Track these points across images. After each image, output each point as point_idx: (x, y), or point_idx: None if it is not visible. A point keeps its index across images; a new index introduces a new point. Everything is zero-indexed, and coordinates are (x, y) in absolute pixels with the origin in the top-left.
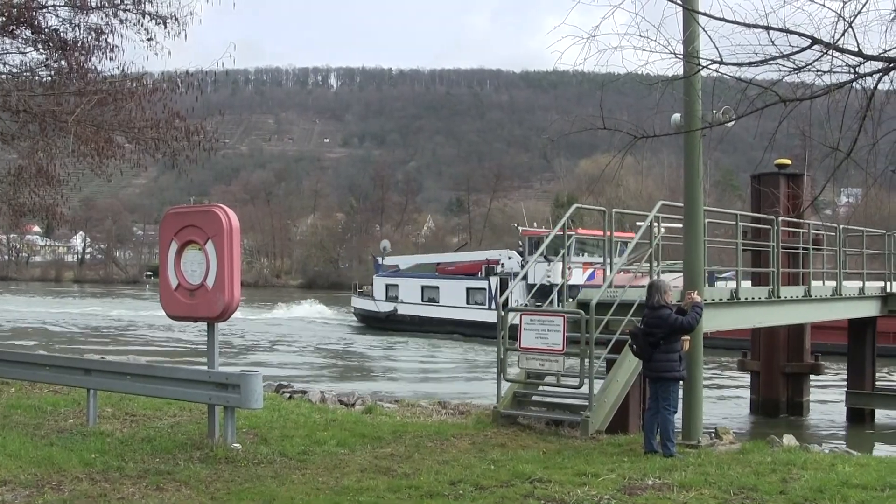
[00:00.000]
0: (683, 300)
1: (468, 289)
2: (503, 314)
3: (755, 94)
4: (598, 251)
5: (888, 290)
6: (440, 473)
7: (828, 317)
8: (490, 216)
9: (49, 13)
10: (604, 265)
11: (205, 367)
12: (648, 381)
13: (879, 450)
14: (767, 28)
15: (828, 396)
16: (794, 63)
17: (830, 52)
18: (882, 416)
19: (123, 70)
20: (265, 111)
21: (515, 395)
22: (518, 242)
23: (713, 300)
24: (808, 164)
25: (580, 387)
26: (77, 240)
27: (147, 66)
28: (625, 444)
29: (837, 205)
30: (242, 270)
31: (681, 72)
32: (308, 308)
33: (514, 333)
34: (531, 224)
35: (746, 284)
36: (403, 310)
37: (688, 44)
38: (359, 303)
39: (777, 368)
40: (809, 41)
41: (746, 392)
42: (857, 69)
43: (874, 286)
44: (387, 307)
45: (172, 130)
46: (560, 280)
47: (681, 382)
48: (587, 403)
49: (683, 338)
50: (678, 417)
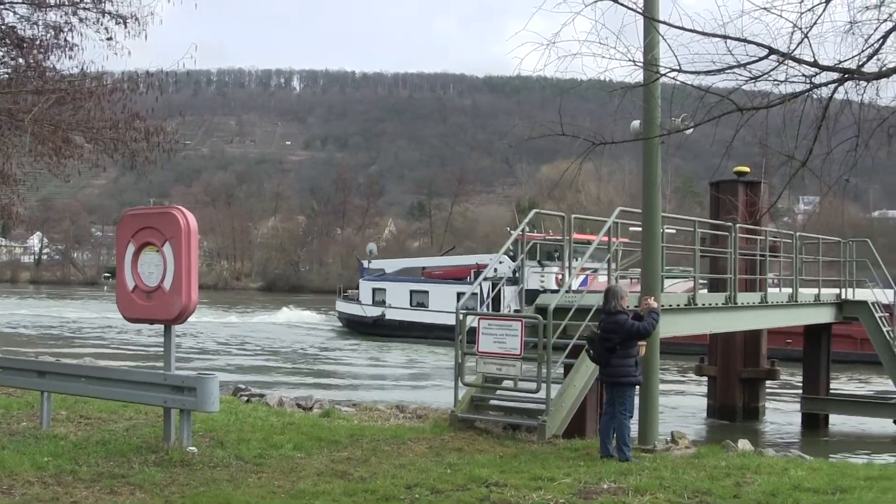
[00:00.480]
0: (640, 305)
1: (459, 294)
2: (461, 318)
3: (713, 103)
4: (594, 257)
5: (843, 297)
6: (396, 477)
7: (784, 323)
8: (451, 220)
9: (6, 10)
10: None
11: (161, 370)
12: (605, 386)
13: (833, 455)
14: (725, 37)
15: (784, 401)
16: (751, 72)
17: (787, 63)
18: (836, 422)
19: (83, 69)
20: (227, 113)
21: (473, 400)
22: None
23: (670, 306)
24: (766, 172)
25: (537, 391)
26: (34, 240)
27: (107, 66)
28: (581, 449)
29: (796, 212)
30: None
31: (640, 79)
32: (289, 313)
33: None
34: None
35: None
36: (392, 314)
37: (647, 52)
38: (344, 307)
39: (734, 374)
40: (766, 51)
41: (704, 397)
42: (813, 79)
43: (830, 293)
44: (374, 312)
45: (132, 131)
46: (553, 285)
47: (637, 387)
48: (544, 408)
49: (640, 343)
50: (634, 422)
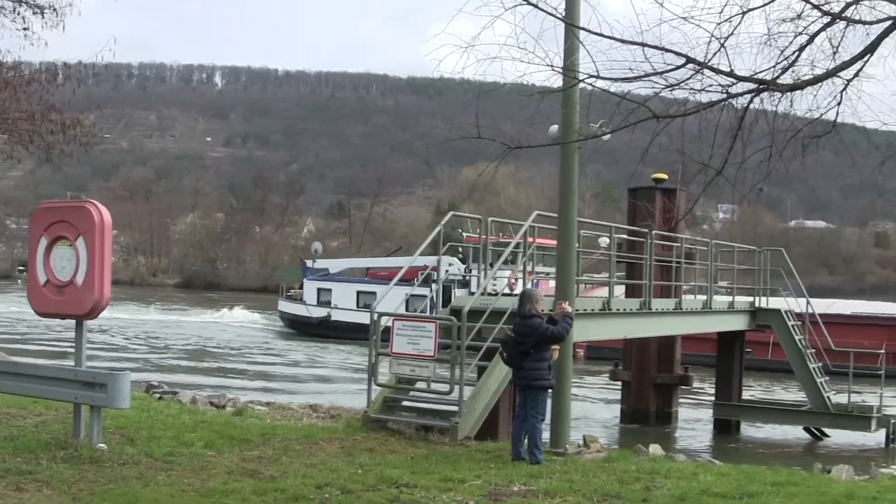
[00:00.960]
0: (555, 310)
1: (409, 296)
2: (376, 318)
3: (630, 109)
4: (547, 261)
5: (757, 305)
6: (307, 477)
7: (698, 329)
8: (371, 221)
9: None
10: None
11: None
12: (518, 389)
13: (743, 460)
14: (643, 45)
15: (697, 407)
16: (668, 80)
17: (703, 72)
18: (747, 428)
19: None
20: (147, 107)
21: (386, 400)
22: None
23: (585, 310)
24: (683, 180)
25: (450, 393)
26: None
27: (24, 57)
28: (493, 451)
29: (714, 220)
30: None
31: (560, 84)
32: (228, 312)
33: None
34: (474, 231)
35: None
36: (338, 316)
37: (567, 57)
38: (287, 307)
39: (647, 379)
40: (684, 60)
41: (618, 402)
42: (729, 89)
43: (743, 301)
44: (320, 313)
45: (48, 123)
46: (505, 289)
47: (550, 391)
48: (457, 409)
49: (553, 347)
50: (546, 425)
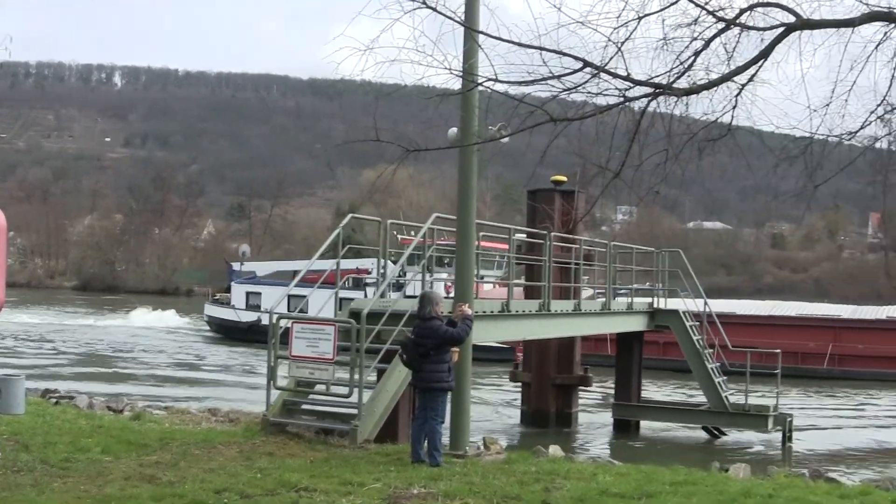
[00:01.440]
0: (454, 312)
1: (341, 299)
2: (274, 321)
3: (528, 113)
4: (494, 264)
5: (655, 306)
6: (206, 482)
7: (597, 330)
8: (271, 222)
9: None
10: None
11: None
12: (417, 391)
13: (643, 460)
14: (541, 49)
15: (597, 408)
16: (566, 84)
17: (600, 76)
18: (646, 428)
19: None
20: (45, 107)
21: (285, 404)
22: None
23: (484, 312)
24: (582, 182)
25: (349, 396)
26: None
27: None
28: (393, 454)
29: (613, 221)
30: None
31: (459, 87)
32: (146, 315)
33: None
34: (408, 232)
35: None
36: (268, 320)
37: (466, 60)
38: (214, 311)
39: (547, 380)
40: (581, 63)
41: (518, 403)
42: (626, 93)
43: (642, 301)
44: (249, 317)
45: None
46: (442, 292)
47: (449, 393)
48: (356, 412)
49: (453, 349)
50: (446, 427)
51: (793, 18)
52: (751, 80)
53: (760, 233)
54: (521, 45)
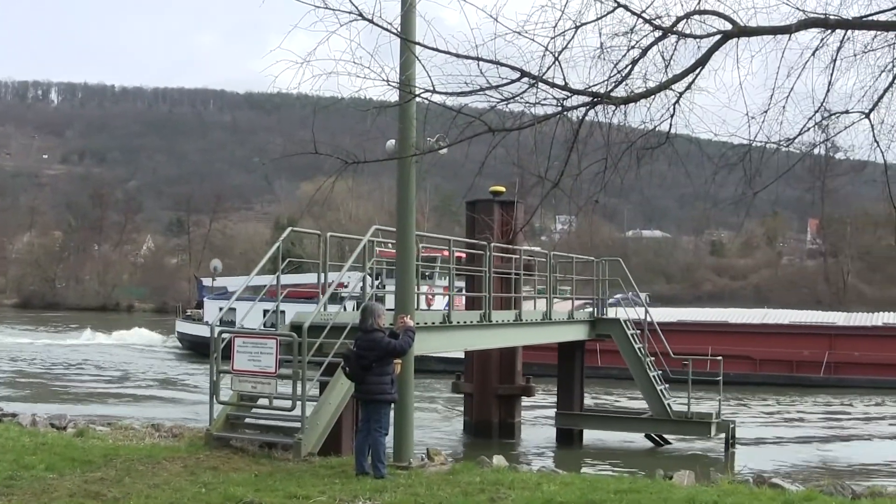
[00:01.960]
0: (396, 324)
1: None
2: (216, 336)
3: (466, 123)
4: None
5: (596, 315)
6: (150, 497)
7: (538, 340)
8: (210, 237)
9: None
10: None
11: None
12: (361, 404)
13: (586, 469)
14: (478, 59)
15: (541, 417)
16: (503, 94)
17: (538, 85)
18: (590, 437)
19: None
20: None
21: (229, 418)
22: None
23: (425, 324)
24: (521, 192)
25: (292, 409)
26: None
27: None
28: (337, 466)
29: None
30: None
31: (397, 98)
32: (122, 333)
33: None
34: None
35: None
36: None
37: (403, 72)
38: (187, 328)
39: (490, 390)
40: (519, 73)
41: (461, 414)
42: (564, 102)
43: (583, 311)
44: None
45: None
46: (423, 305)
47: (392, 405)
48: (300, 426)
49: (396, 361)
50: (390, 439)
51: (730, 26)
52: (689, 88)
53: (699, 240)
54: (458, 56)
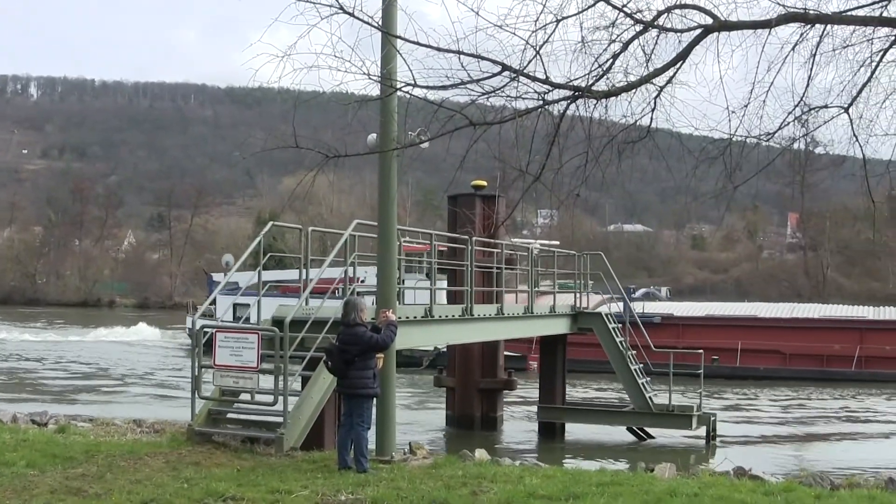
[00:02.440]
0: (378, 318)
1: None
2: (197, 330)
3: (447, 117)
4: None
5: (578, 308)
6: (132, 493)
7: (520, 334)
8: (192, 232)
9: None
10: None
11: None
12: (343, 398)
13: (568, 462)
14: (459, 53)
15: (522, 411)
16: (484, 88)
17: (519, 79)
18: (572, 430)
19: None
20: None
21: (211, 413)
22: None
23: (407, 318)
24: (503, 186)
25: (275, 404)
26: None
27: None
28: (319, 461)
29: (534, 225)
30: None
31: (378, 92)
32: (125, 330)
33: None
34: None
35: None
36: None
37: (384, 66)
38: (199, 324)
39: (472, 384)
40: (500, 67)
41: (444, 408)
42: (546, 96)
43: (565, 304)
44: None
45: None
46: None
47: (375, 399)
48: (282, 420)
49: (377, 355)
50: (372, 433)
51: (710, 20)
52: (669, 82)
53: (681, 234)
54: (440, 50)
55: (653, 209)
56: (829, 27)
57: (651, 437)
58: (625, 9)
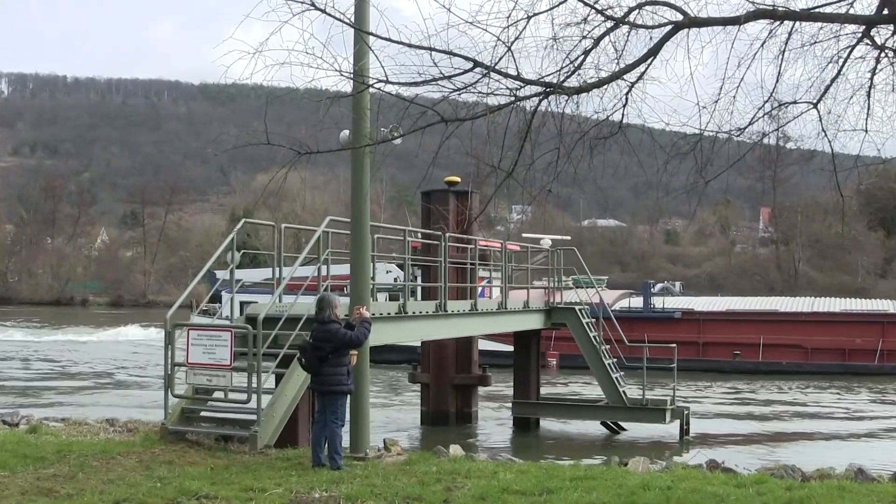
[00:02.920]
0: (352, 315)
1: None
2: (170, 329)
3: (420, 113)
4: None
5: (552, 304)
6: (105, 493)
7: (494, 330)
8: (166, 229)
9: None
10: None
11: None
12: (317, 395)
13: (543, 457)
14: (431, 49)
15: (497, 406)
16: (456, 84)
17: (491, 75)
18: (547, 425)
19: None
20: None
21: (184, 411)
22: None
23: (381, 314)
24: (476, 182)
25: (248, 401)
26: None
27: None
28: (293, 458)
29: (508, 221)
30: None
31: (350, 89)
32: (128, 330)
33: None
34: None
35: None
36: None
37: (356, 62)
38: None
39: (446, 380)
40: (471, 64)
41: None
42: (517, 92)
43: (539, 299)
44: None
45: None
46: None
47: (349, 396)
48: (255, 418)
49: (352, 352)
50: (346, 430)
51: (681, 17)
52: (640, 78)
53: (654, 229)
54: (411, 46)
55: (626, 204)
56: (798, 24)
57: (623, 430)
58: (596, 5)
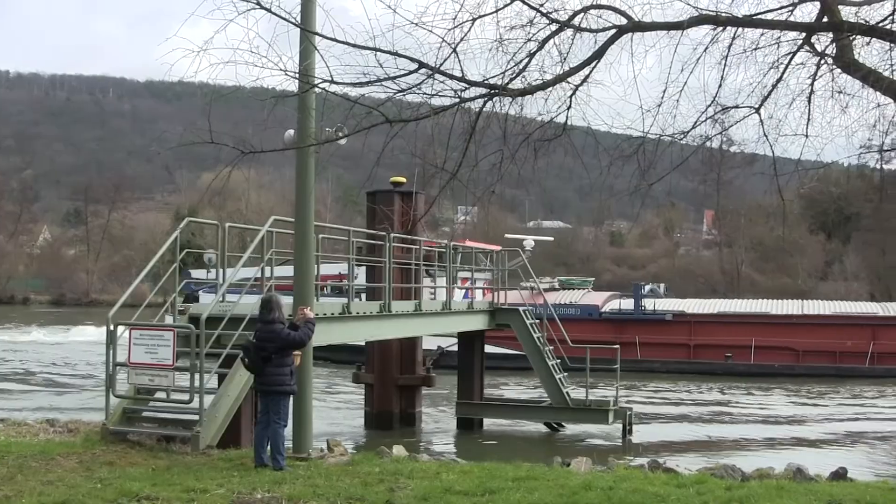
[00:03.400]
0: (296, 315)
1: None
2: (112, 328)
3: (365, 114)
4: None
5: (496, 305)
6: (44, 495)
7: (438, 330)
8: (109, 228)
9: None
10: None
11: None
12: (260, 395)
13: (486, 458)
14: (376, 50)
15: (442, 406)
16: (400, 85)
17: (436, 77)
18: (490, 425)
19: None
20: None
21: (126, 412)
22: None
23: (325, 315)
24: (421, 182)
25: (190, 402)
26: None
27: None
28: (236, 459)
29: (454, 221)
30: None
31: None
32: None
33: None
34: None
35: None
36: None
37: (301, 62)
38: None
39: (390, 381)
40: (416, 65)
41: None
42: (462, 94)
43: (483, 300)
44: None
45: None
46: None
47: (292, 396)
48: (198, 418)
49: (295, 353)
50: (289, 431)
51: (625, 21)
52: (585, 81)
53: (599, 231)
54: (356, 47)
55: (572, 206)
56: (741, 30)
57: (563, 428)
58: (541, 8)
